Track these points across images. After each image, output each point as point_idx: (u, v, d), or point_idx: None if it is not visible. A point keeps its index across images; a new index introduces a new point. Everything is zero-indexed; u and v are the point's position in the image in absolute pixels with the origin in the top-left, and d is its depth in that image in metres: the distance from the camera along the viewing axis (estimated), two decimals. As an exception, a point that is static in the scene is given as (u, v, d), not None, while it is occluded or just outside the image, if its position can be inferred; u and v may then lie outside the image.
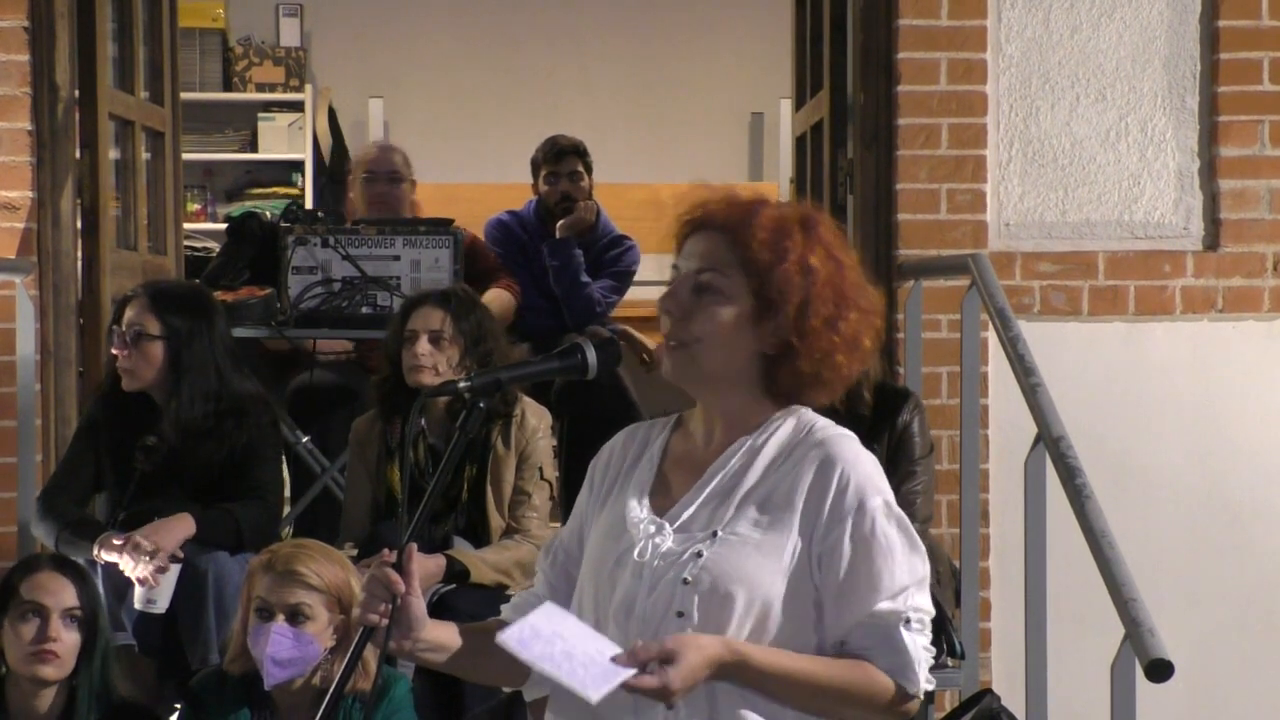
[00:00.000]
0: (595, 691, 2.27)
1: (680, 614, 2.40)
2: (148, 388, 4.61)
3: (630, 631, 2.41)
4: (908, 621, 2.41)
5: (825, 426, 2.50)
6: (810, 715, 2.44)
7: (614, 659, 2.31)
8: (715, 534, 2.43)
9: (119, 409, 4.63)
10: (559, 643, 2.32)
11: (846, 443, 2.47)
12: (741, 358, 2.47)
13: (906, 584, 2.41)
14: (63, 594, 3.84)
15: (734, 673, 2.37)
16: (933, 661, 2.46)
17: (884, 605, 2.40)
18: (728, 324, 2.45)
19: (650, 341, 6.50)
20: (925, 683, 2.43)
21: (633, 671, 2.30)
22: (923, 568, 2.44)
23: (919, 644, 2.42)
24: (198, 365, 4.59)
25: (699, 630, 2.38)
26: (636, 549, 2.46)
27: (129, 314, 4.62)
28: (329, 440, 5.67)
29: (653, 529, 2.47)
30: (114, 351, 4.60)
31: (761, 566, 2.41)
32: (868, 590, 2.40)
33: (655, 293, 2.65)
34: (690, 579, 2.41)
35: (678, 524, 2.47)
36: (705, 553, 2.42)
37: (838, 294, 2.47)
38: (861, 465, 2.45)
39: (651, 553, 2.45)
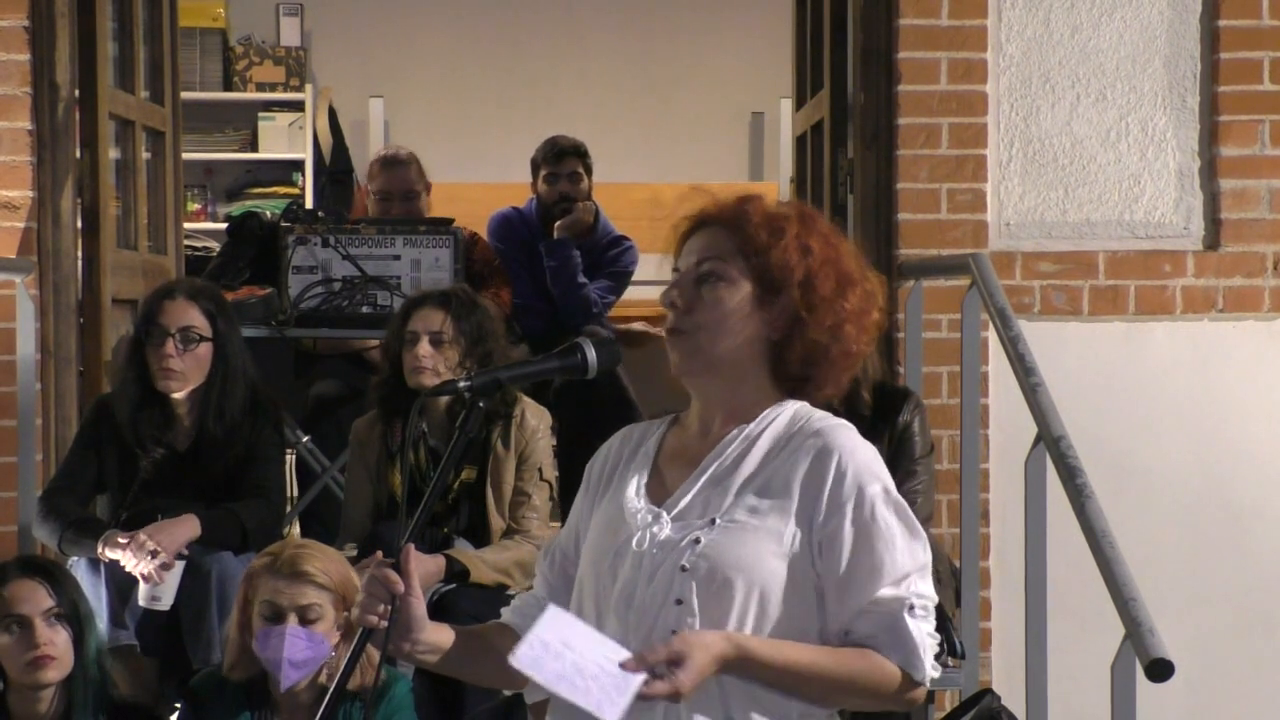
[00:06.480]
0: (612, 711, 2.27)
1: (679, 601, 2.40)
2: (188, 390, 4.55)
3: (630, 622, 2.41)
4: (911, 608, 2.40)
5: (823, 418, 2.51)
6: (818, 705, 2.44)
7: (623, 664, 2.30)
8: (713, 521, 2.43)
9: (128, 411, 4.57)
10: (568, 655, 2.30)
11: (844, 432, 2.48)
12: (746, 343, 2.49)
13: (908, 570, 2.41)
14: (36, 597, 3.79)
15: (738, 666, 2.36)
16: (938, 649, 2.45)
17: (886, 591, 2.39)
18: (731, 308, 2.48)
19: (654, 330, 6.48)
20: (931, 670, 2.43)
21: (642, 678, 2.29)
22: (924, 554, 2.43)
23: (924, 630, 2.41)
24: (240, 366, 4.56)
25: (699, 617, 2.38)
26: (635, 539, 2.46)
27: (173, 314, 4.53)
28: (329, 440, 5.67)
29: (650, 519, 2.47)
30: (167, 354, 4.49)
31: (760, 552, 2.41)
32: (869, 577, 2.40)
33: (655, 292, 2.66)
34: (688, 566, 2.40)
35: (674, 513, 2.47)
36: (703, 539, 2.42)
37: (838, 271, 2.51)
38: (859, 453, 2.46)
39: (650, 542, 2.45)
